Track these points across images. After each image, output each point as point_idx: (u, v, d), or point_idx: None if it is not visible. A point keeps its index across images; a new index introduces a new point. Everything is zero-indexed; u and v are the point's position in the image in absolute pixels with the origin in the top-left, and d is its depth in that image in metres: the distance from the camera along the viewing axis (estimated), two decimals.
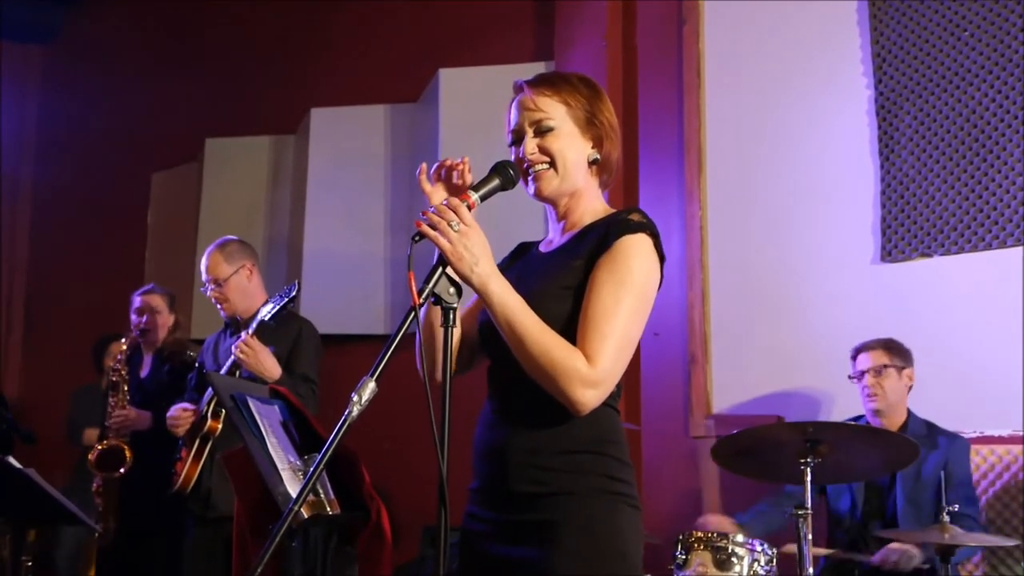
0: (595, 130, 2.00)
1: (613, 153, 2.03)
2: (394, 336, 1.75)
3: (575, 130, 1.99)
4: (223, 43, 6.32)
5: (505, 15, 5.44)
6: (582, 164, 2.00)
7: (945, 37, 4.30)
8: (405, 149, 5.58)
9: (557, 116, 1.98)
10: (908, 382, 3.78)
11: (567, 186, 2.00)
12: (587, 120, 1.99)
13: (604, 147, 2.01)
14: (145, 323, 4.66)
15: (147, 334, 4.67)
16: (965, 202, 4.18)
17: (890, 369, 3.72)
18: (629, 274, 1.87)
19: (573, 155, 1.98)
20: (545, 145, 1.97)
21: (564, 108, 1.98)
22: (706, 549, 3.22)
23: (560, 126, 1.98)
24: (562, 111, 1.98)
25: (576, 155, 1.99)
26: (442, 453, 1.72)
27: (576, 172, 1.99)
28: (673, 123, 4.88)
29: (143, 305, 4.69)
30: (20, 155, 6.98)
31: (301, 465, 2.44)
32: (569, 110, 1.98)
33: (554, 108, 1.98)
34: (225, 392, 2.57)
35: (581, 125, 1.99)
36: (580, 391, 1.81)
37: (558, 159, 1.97)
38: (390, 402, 2.56)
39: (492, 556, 1.93)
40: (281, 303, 3.57)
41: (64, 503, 3.48)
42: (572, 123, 1.99)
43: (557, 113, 1.98)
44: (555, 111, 1.98)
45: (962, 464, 3.67)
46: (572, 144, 1.98)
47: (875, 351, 3.76)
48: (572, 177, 1.99)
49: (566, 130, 1.98)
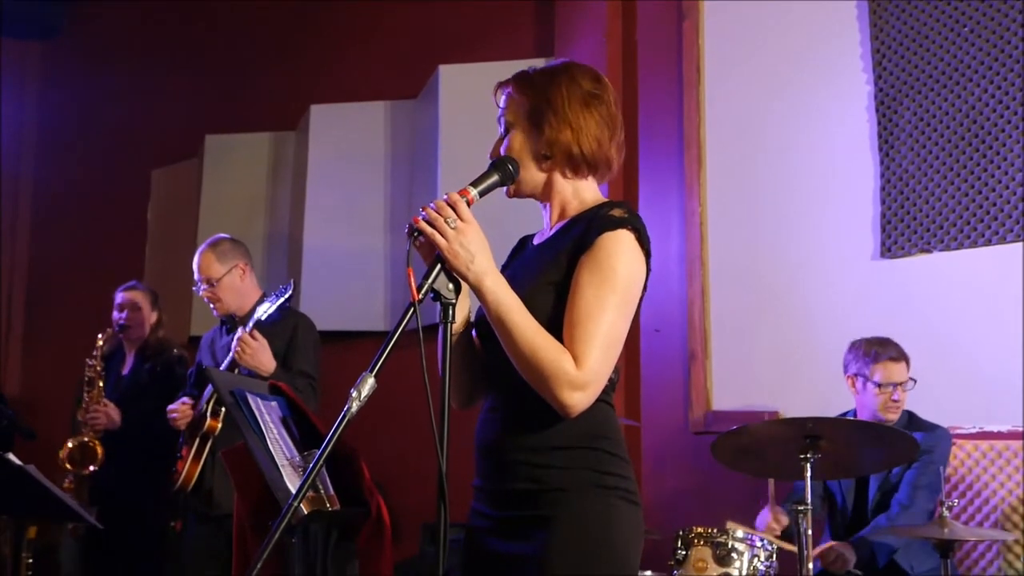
0: (539, 124, 1.95)
1: (571, 145, 1.94)
2: (393, 332, 1.75)
3: (526, 125, 1.97)
4: (223, 39, 6.31)
5: (505, 11, 5.44)
6: (530, 162, 1.97)
7: (945, 33, 4.30)
8: (405, 146, 5.57)
9: (509, 116, 1.99)
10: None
11: (526, 185, 1.99)
12: (532, 115, 1.96)
13: (548, 140, 1.94)
14: (126, 319, 4.65)
15: (128, 331, 4.66)
16: (965, 198, 4.18)
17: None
18: (612, 272, 1.86)
19: (524, 154, 1.96)
20: (508, 144, 1.98)
21: (513, 105, 1.98)
22: (706, 545, 3.23)
23: (514, 124, 1.98)
24: (513, 108, 1.98)
25: (523, 153, 1.96)
26: (441, 450, 1.72)
27: (527, 170, 1.97)
28: (673, 119, 4.88)
29: (125, 301, 4.68)
30: (20, 152, 6.96)
31: (301, 461, 2.44)
32: (518, 106, 1.98)
33: (508, 107, 1.99)
34: (224, 388, 2.57)
35: (530, 119, 1.96)
36: (567, 394, 1.81)
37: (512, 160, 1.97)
38: (388, 399, 2.56)
39: (493, 552, 1.94)
40: (276, 302, 3.56)
41: (65, 500, 3.48)
42: (524, 119, 1.97)
43: (510, 112, 1.98)
44: (509, 111, 1.99)
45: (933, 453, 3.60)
46: (522, 142, 1.97)
47: (901, 364, 3.68)
48: (526, 176, 1.97)
49: (519, 127, 1.97)
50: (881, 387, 3.65)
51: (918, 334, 3.98)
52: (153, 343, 4.68)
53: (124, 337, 4.70)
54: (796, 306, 4.49)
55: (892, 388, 3.65)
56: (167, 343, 4.74)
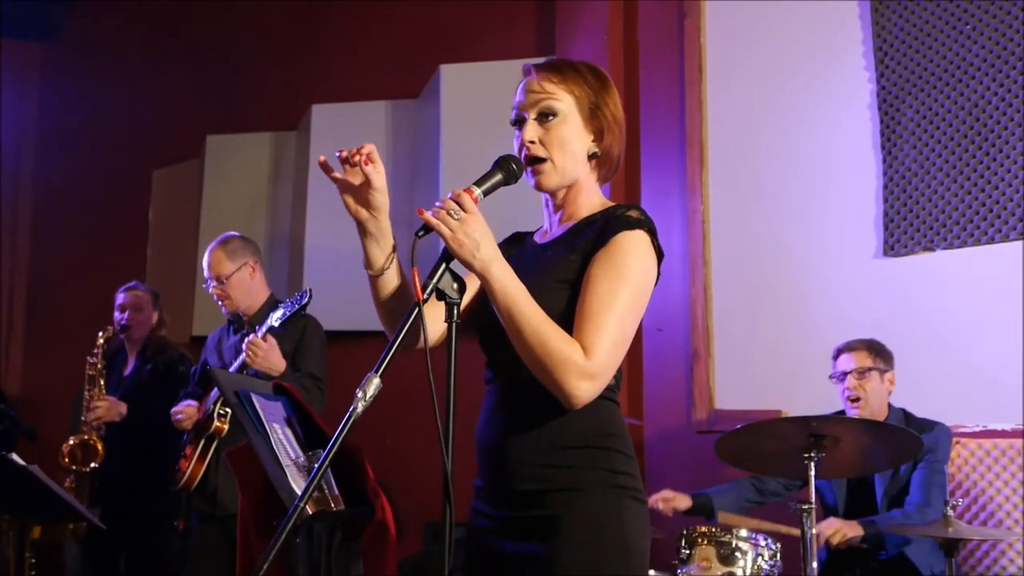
0: (597, 122, 1.96)
1: (615, 147, 1.99)
2: (398, 332, 1.74)
3: (578, 120, 1.95)
4: (223, 39, 6.31)
5: (506, 10, 5.44)
6: (581, 157, 1.96)
7: (947, 31, 4.30)
8: (406, 145, 5.57)
9: (560, 104, 1.94)
10: (890, 386, 3.71)
11: (566, 179, 1.97)
12: (591, 111, 1.96)
13: (605, 140, 1.97)
14: (128, 320, 4.65)
15: (130, 331, 4.66)
16: (967, 196, 4.18)
17: (873, 372, 3.64)
18: (626, 269, 1.86)
19: (572, 147, 1.95)
20: (545, 134, 1.94)
21: (569, 96, 1.95)
22: (710, 544, 3.22)
23: (562, 114, 1.94)
24: (566, 99, 1.95)
25: (575, 147, 1.95)
26: (446, 449, 1.71)
27: (574, 165, 1.96)
28: (675, 117, 4.88)
29: (126, 302, 4.68)
30: (20, 153, 6.95)
31: (305, 461, 2.43)
32: (574, 99, 1.95)
33: (558, 95, 1.94)
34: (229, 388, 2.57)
35: (584, 116, 1.96)
36: (576, 383, 1.80)
37: (555, 152, 1.94)
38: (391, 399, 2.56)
39: (498, 552, 1.93)
40: (292, 310, 3.56)
41: (68, 500, 3.48)
42: (576, 113, 1.95)
43: (561, 101, 1.94)
44: (559, 98, 1.94)
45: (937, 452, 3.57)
46: (572, 135, 1.95)
47: (858, 352, 3.66)
48: (570, 170, 1.96)
49: (568, 119, 1.95)
50: (839, 380, 3.68)
51: (920, 332, 3.98)
52: (155, 343, 4.69)
53: (126, 338, 4.70)
54: (799, 305, 4.49)
55: (844, 376, 3.65)
56: (168, 343, 4.74)
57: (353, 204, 1.89)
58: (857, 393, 3.63)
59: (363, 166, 1.83)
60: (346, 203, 1.89)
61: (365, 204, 1.88)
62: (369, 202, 1.88)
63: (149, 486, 4.38)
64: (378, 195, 1.87)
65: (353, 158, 1.83)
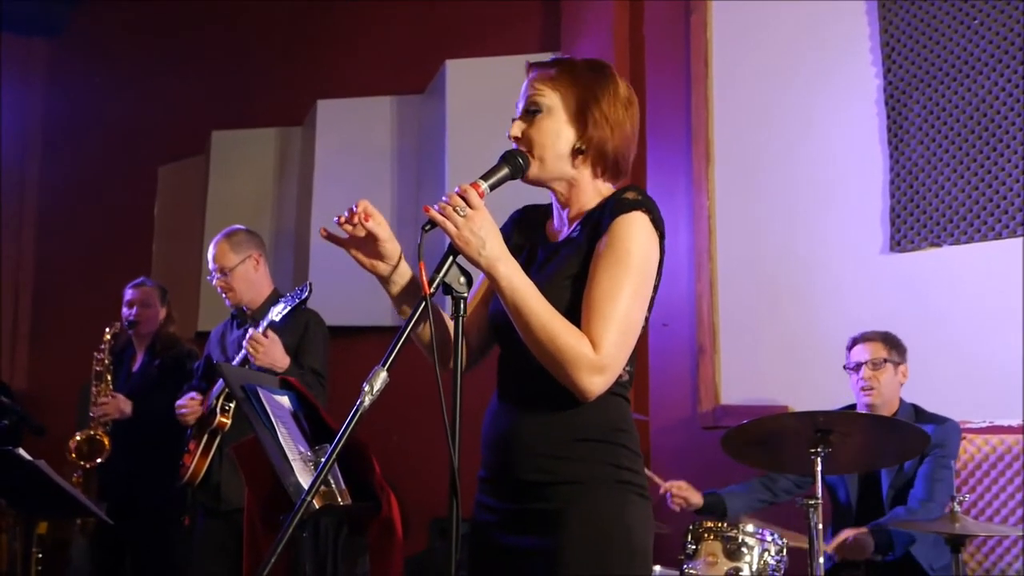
0: (584, 118, 1.95)
1: (608, 143, 1.96)
2: (405, 326, 1.75)
3: (562, 115, 1.95)
4: (228, 35, 6.31)
5: (512, 6, 5.43)
6: (565, 151, 1.95)
7: (954, 26, 4.29)
8: (412, 141, 5.57)
9: (544, 100, 1.95)
10: (902, 379, 3.70)
11: (548, 173, 1.97)
12: (578, 107, 1.95)
13: (592, 135, 1.95)
14: (136, 316, 4.65)
15: (138, 327, 4.66)
16: (974, 191, 4.17)
17: (887, 364, 3.65)
18: (627, 255, 1.86)
19: (553, 141, 1.94)
20: (527, 128, 1.95)
21: (554, 93, 1.95)
22: (716, 539, 3.22)
23: (546, 110, 1.95)
24: (551, 96, 1.95)
25: (556, 141, 1.94)
26: (453, 444, 1.72)
27: (556, 158, 1.95)
28: (681, 114, 4.87)
29: (134, 298, 4.69)
30: (25, 150, 6.97)
31: (312, 456, 2.43)
32: (559, 95, 1.95)
33: (544, 92, 1.96)
34: (236, 383, 2.56)
35: (570, 111, 1.95)
36: (587, 378, 1.81)
37: (536, 146, 1.94)
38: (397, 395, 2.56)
39: (501, 545, 1.93)
40: (293, 304, 3.56)
41: (75, 495, 3.49)
42: (560, 108, 1.95)
43: (545, 97, 1.95)
44: (544, 95, 1.95)
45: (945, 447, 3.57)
46: (553, 129, 1.94)
47: (874, 343, 3.67)
48: (552, 164, 1.95)
49: (552, 114, 1.95)
50: (853, 371, 3.67)
51: (927, 328, 3.97)
52: (163, 339, 4.69)
53: (134, 333, 4.71)
54: (805, 300, 4.48)
55: (859, 367, 3.65)
56: (177, 339, 4.75)
57: (368, 260, 1.91)
58: (871, 383, 3.64)
59: (363, 223, 1.85)
60: (360, 261, 1.91)
61: (378, 256, 1.90)
62: (381, 253, 1.90)
63: (156, 481, 4.39)
64: (387, 245, 1.89)
65: (352, 220, 1.85)
